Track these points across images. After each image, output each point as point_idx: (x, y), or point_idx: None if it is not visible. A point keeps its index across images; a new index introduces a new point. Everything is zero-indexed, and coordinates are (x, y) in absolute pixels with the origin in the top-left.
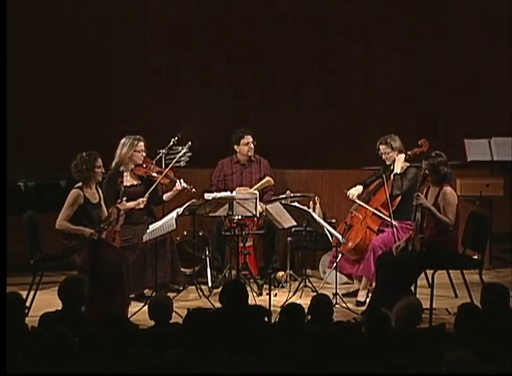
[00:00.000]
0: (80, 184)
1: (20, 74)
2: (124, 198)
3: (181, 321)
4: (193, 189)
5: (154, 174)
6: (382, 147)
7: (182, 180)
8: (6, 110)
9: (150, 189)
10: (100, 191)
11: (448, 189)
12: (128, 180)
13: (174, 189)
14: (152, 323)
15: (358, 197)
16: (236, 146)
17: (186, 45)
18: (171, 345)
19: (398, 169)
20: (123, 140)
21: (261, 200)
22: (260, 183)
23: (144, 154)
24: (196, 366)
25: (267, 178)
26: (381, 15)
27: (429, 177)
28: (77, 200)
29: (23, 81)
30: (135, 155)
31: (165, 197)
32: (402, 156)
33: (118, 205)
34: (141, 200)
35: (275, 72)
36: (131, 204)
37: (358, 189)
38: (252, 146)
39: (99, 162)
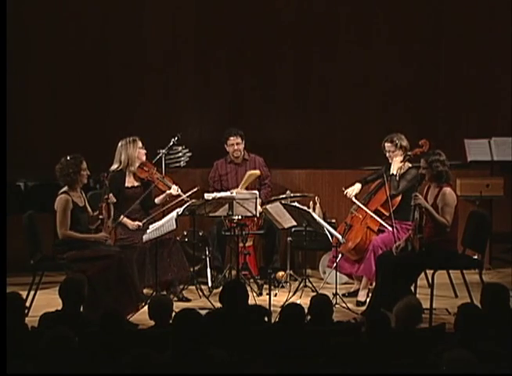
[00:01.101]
0: (65, 189)
1: (20, 74)
2: (111, 194)
3: None
4: (190, 202)
5: (155, 179)
6: (387, 145)
7: (177, 187)
8: (6, 110)
9: (145, 200)
10: (84, 194)
11: (447, 189)
12: (129, 181)
13: (168, 192)
14: (152, 323)
15: (358, 197)
16: (225, 146)
17: (186, 45)
18: (170, 346)
19: (393, 170)
20: (122, 142)
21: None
22: (244, 180)
23: (145, 151)
24: (192, 366)
25: (249, 172)
26: (381, 15)
27: (426, 175)
28: (68, 205)
29: (24, 81)
30: (140, 152)
31: (157, 200)
32: (400, 158)
33: (107, 199)
34: (136, 223)
35: (274, 72)
36: (128, 222)
37: (357, 187)
38: (237, 147)
39: (84, 165)
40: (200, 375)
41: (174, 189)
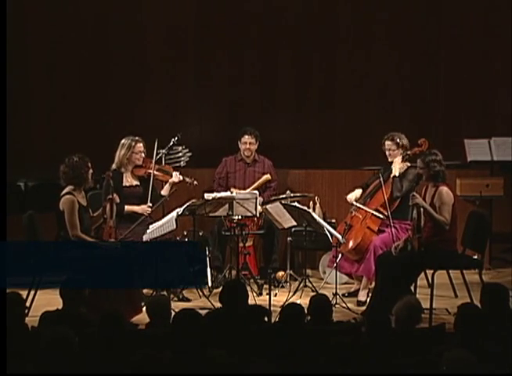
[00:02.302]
0: (69, 189)
1: (20, 73)
2: (115, 194)
3: None
4: (195, 182)
5: (153, 172)
6: (388, 143)
7: (178, 173)
8: (6, 109)
9: (150, 193)
10: (85, 194)
11: (444, 188)
12: (128, 181)
13: (171, 180)
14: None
15: (357, 198)
16: (239, 143)
17: (186, 45)
18: (170, 346)
19: (396, 171)
20: (122, 141)
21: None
22: (258, 182)
23: (143, 155)
24: (191, 366)
25: (265, 176)
26: (381, 15)
27: (423, 175)
28: (75, 206)
29: (24, 80)
30: (134, 156)
31: (163, 192)
32: (400, 158)
33: (110, 199)
34: (144, 207)
35: (275, 72)
36: (136, 208)
37: (357, 193)
38: (249, 146)
39: (89, 165)
40: (200, 375)
41: (176, 176)
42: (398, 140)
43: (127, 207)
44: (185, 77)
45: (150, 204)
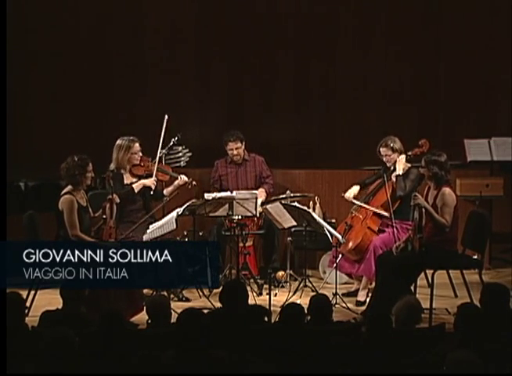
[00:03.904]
0: (68, 189)
1: (21, 74)
2: (115, 195)
3: None
4: (194, 182)
5: (153, 171)
6: (383, 150)
7: (183, 175)
8: (7, 110)
9: (154, 176)
10: (85, 194)
11: (447, 189)
12: (128, 178)
13: (176, 183)
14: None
15: (357, 197)
16: (225, 148)
17: (186, 45)
18: (170, 345)
19: (399, 170)
20: (118, 142)
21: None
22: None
23: (140, 154)
24: (193, 366)
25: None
26: (381, 16)
27: (424, 174)
28: (74, 206)
29: (24, 80)
30: (132, 157)
31: (166, 191)
32: (403, 157)
33: (110, 199)
34: (152, 179)
35: (274, 72)
36: (144, 181)
37: (355, 189)
38: (237, 152)
39: (90, 167)
40: (201, 375)
41: (182, 179)
42: (391, 145)
43: (135, 185)
44: (186, 77)
45: (156, 178)
